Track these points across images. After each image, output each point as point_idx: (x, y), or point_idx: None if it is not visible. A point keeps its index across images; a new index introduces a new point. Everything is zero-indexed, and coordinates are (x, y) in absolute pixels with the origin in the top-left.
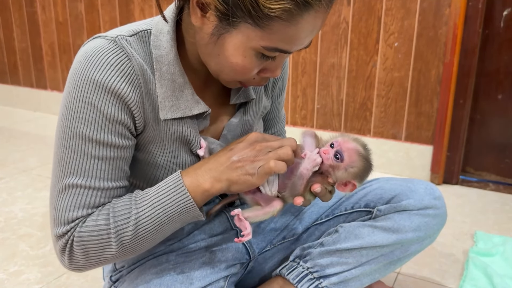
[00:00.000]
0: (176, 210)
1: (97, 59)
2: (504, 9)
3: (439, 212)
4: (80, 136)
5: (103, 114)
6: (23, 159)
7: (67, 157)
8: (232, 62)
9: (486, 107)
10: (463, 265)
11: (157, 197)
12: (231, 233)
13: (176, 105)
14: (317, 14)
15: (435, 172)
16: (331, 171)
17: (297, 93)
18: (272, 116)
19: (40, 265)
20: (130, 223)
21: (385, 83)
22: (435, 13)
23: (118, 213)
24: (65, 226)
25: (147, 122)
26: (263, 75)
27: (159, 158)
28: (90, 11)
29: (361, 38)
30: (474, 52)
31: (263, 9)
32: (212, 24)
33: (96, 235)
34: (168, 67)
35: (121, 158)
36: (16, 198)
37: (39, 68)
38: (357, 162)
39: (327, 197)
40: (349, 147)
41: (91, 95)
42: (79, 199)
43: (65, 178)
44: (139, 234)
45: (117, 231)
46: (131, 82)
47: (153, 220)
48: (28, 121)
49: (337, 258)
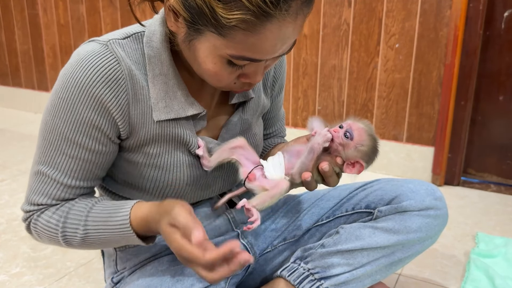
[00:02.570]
0: (120, 239)
1: (86, 63)
2: (505, 10)
3: (440, 213)
4: (58, 133)
5: (82, 118)
6: (24, 160)
7: (45, 147)
8: (205, 68)
9: (487, 108)
10: (464, 266)
11: (105, 224)
12: (233, 235)
13: (169, 106)
14: (283, 23)
15: (436, 174)
16: (341, 149)
17: (298, 95)
18: (271, 115)
19: (41, 266)
20: (77, 235)
21: (386, 85)
22: (436, 15)
23: (69, 222)
24: (29, 206)
25: (134, 127)
26: (243, 80)
27: (156, 159)
28: (92, 14)
29: (362, 39)
30: (475, 54)
31: (221, 18)
32: (183, 30)
33: (47, 230)
34: (161, 68)
35: (93, 161)
36: (17, 200)
37: (41, 70)
38: (366, 141)
39: (334, 179)
40: (358, 127)
41: (75, 98)
42: (45, 187)
43: (39, 164)
44: (86, 244)
45: (64, 235)
46: (117, 88)
47: (100, 239)
48: (30, 123)
49: (338, 259)
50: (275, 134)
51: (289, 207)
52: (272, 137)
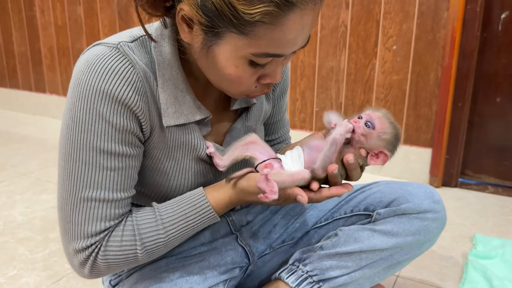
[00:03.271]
0: (201, 226)
1: (100, 68)
2: (502, 12)
3: (438, 216)
4: (91, 148)
5: (112, 125)
6: (22, 162)
7: (79, 170)
8: (226, 73)
9: (484, 110)
10: (462, 267)
11: (182, 213)
12: (231, 237)
13: (179, 111)
14: (304, 11)
15: (434, 175)
16: (363, 140)
17: (296, 96)
18: (275, 120)
19: (39, 269)
20: (160, 241)
21: (384, 86)
22: (434, 17)
23: (145, 233)
24: (86, 240)
25: (153, 128)
26: (263, 81)
27: (163, 164)
28: (89, 15)
29: (359, 41)
30: (472, 55)
31: (243, 15)
32: (199, 38)
33: (122, 253)
34: (170, 73)
35: (132, 167)
36: (15, 202)
37: (38, 72)
38: (389, 128)
39: (358, 172)
40: (378, 115)
41: (99, 106)
42: (96, 212)
43: (79, 191)
44: (168, 247)
45: (145, 248)
46: (136, 90)
47: (182, 236)
48: (27, 125)
49: (337, 262)
50: (280, 141)
51: (287, 209)
52: (277, 143)
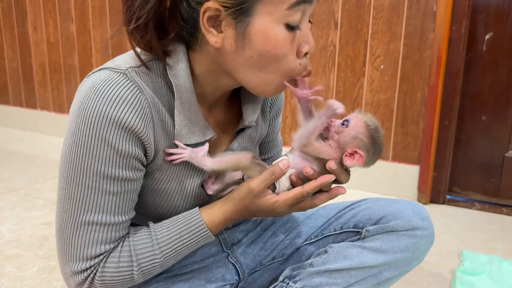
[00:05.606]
0: (196, 246)
1: (108, 93)
2: (486, 33)
3: (426, 233)
4: (94, 173)
5: (117, 151)
6: (11, 178)
7: (80, 193)
8: (269, 50)
9: (471, 128)
10: (450, 284)
11: (176, 232)
12: (223, 255)
13: (191, 131)
14: None
15: (422, 192)
16: (337, 138)
17: (286, 114)
18: (269, 140)
19: (27, 286)
20: (155, 262)
21: (372, 104)
22: (420, 37)
23: (141, 254)
24: (85, 262)
25: (157, 152)
26: (302, 49)
27: (164, 185)
28: (82, 32)
29: (348, 60)
30: (458, 75)
31: None
32: (231, 32)
33: (119, 274)
34: (186, 95)
35: (134, 190)
36: (4, 218)
37: (29, 88)
38: (361, 129)
39: (345, 176)
40: (356, 116)
41: (105, 132)
42: (96, 235)
43: (79, 214)
44: (164, 267)
45: (141, 270)
46: (143, 116)
47: (178, 255)
48: (17, 141)
49: (326, 279)
50: (273, 160)
51: (278, 226)
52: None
